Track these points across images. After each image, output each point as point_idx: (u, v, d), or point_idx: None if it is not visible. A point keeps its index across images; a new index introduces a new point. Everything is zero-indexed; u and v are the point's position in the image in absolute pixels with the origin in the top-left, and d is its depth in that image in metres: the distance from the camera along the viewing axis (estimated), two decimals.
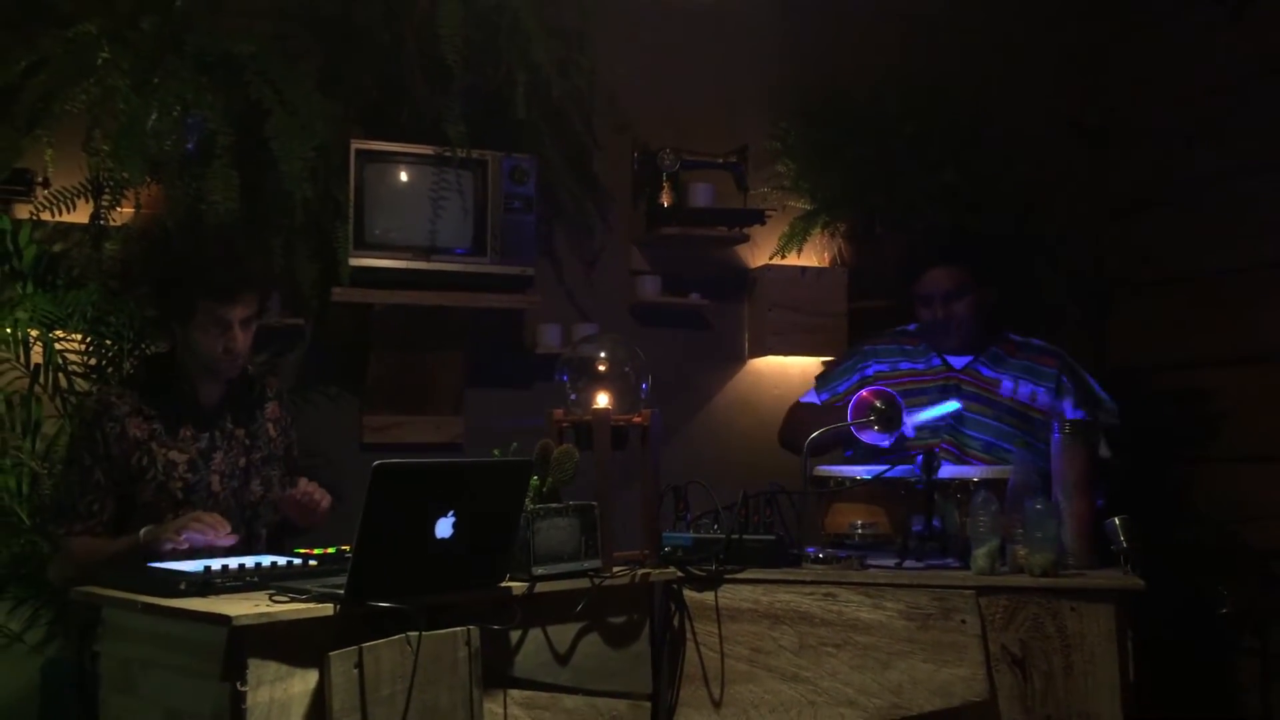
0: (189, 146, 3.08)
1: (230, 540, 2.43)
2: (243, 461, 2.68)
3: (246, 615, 1.89)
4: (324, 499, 2.61)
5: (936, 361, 3.23)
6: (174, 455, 2.61)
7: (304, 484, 2.60)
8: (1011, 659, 2.45)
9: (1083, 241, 4.17)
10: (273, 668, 1.92)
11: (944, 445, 3.06)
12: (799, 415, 3.36)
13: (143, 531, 2.45)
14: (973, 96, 3.95)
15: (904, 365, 3.27)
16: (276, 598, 2.02)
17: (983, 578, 2.49)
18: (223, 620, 1.88)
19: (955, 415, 3.10)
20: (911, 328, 3.35)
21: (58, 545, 2.59)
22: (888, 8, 4.02)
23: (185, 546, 2.36)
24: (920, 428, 3.03)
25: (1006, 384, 3.15)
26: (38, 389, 3.03)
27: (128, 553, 2.42)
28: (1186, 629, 3.51)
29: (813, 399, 3.40)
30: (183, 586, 2.07)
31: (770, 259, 3.96)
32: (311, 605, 1.98)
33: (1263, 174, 3.63)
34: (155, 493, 2.57)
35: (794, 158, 3.95)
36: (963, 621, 2.46)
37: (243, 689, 1.88)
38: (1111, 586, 2.46)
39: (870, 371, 3.24)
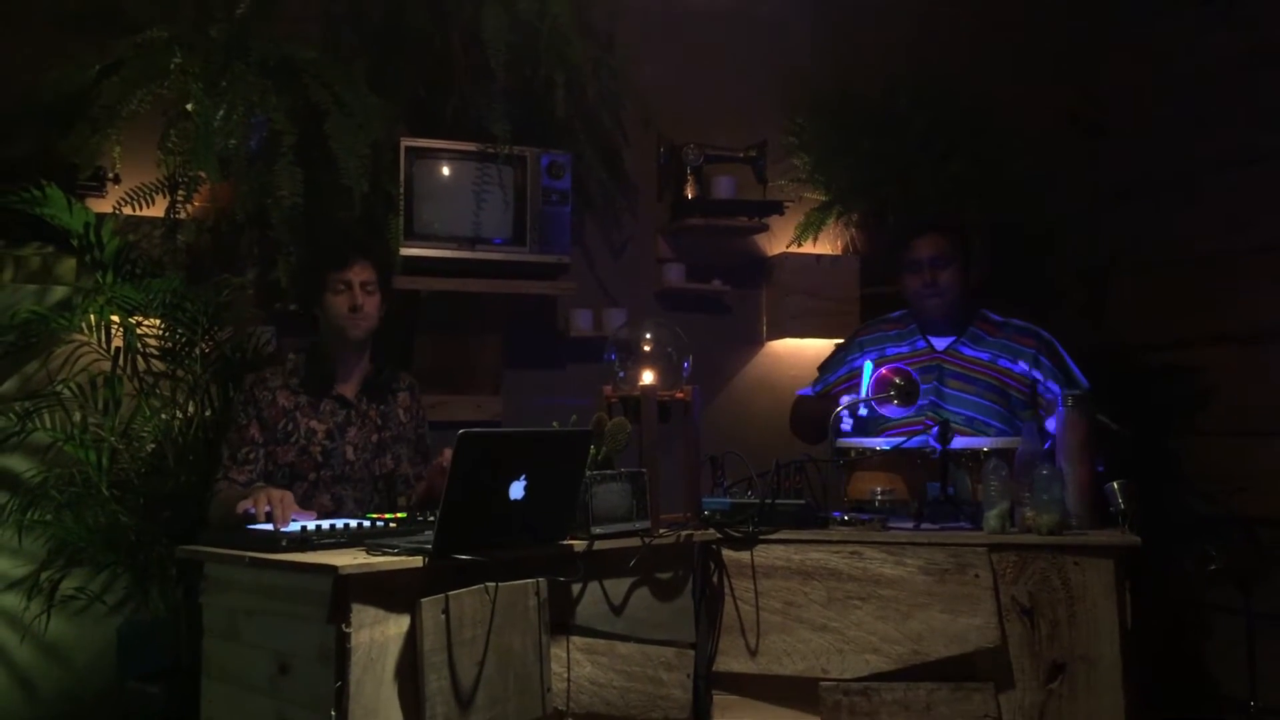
0: (252, 145, 3.30)
1: (304, 518, 2.60)
2: (375, 438, 2.97)
3: (350, 565, 2.12)
4: None
5: (921, 344, 3.40)
6: (314, 425, 2.93)
7: (448, 454, 2.85)
8: (1021, 609, 2.67)
9: (1082, 228, 4.38)
10: (371, 612, 2.15)
11: (926, 423, 3.22)
12: (797, 408, 3.57)
13: (255, 486, 2.71)
14: (978, 92, 4.15)
15: (890, 350, 3.44)
16: (373, 551, 2.25)
17: (994, 536, 2.72)
18: (329, 570, 2.10)
19: (937, 392, 3.30)
20: (895, 314, 3.52)
21: (215, 491, 2.85)
22: (897, 8, 4.22)
23: (261, 515, 2.57)
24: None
25: (985, 359, 3.31)
26: (118, 370, 3.25)
27: (241, 499, 2.64)
28: (1180, 587, 3.75)
29: (808, 391, 3.59)
30: (284, 543, 2.30)
31: (787, 247, 4.19)
32: (405, 558, 2.21)
33: (1248, 164, 3.81)
34: (298, 455, 2.88)
35: (810, 151, 4.17)
36: (976, 576, 2.68)
37: (347, 630, 2.10)
38: (1111, 544, 2.69)
39: (859, 363, 3.38)
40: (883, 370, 3.05)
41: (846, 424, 3.06)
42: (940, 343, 3.40)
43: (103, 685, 3.31)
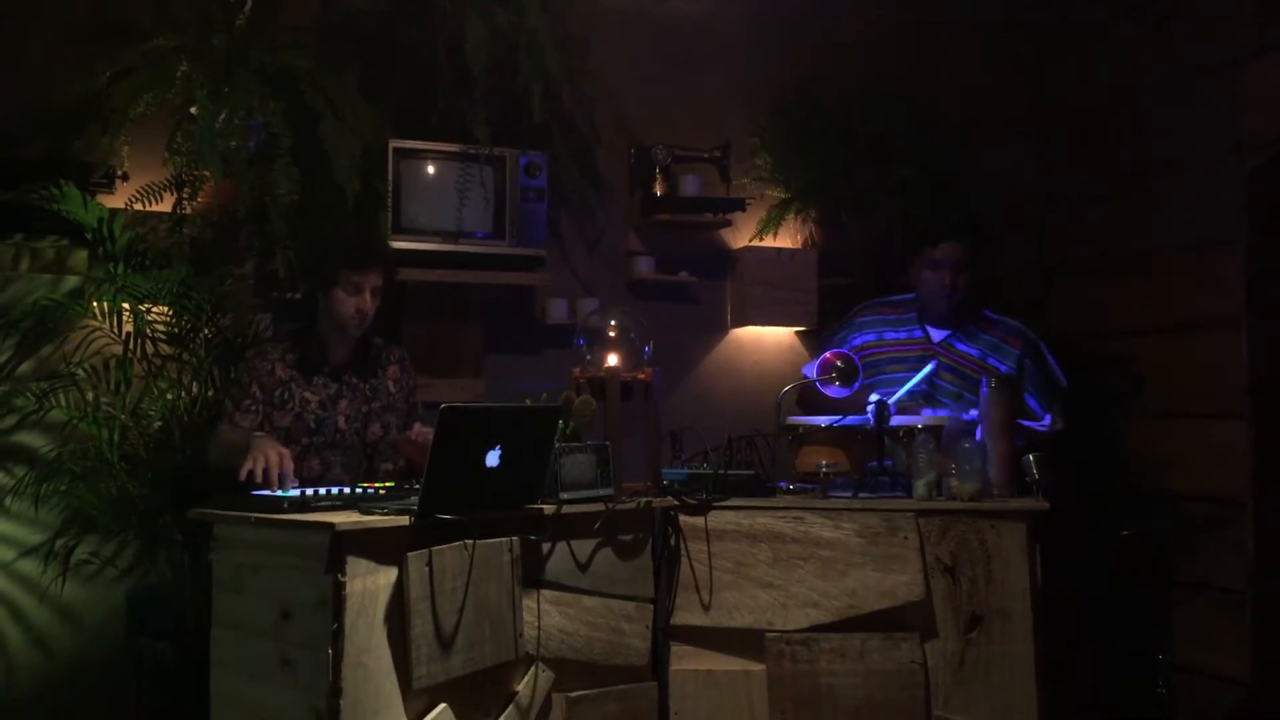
0: (252, 146, 3.55)
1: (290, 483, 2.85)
2: (365, 409, 3.25)
3: (346, 523, 2.40)
4: None
5: (919, 334, 3.65)
6: (308, 395, 3.20)
7: (418, 427, 3.14)
8: (944, 567, 2.97)
9: (1024, 228, 4.65)
10: (364, 564, 2.43)
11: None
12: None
13: (255, 434, 2.96)
14: (927, 100, 4.41)
15: (889, 335, 3.69)
16: (365, 512, 2.53)
17: (921, 503, 3.01)
18: (327, 527, 2.38)
19: (929, 382, 3.55)
20: (896, 299, 3.75)
21: (218, 432, 3.12)
22: (853, 20, 4.47)
23: (259, 475, 2.80)
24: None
25: (975, 355, 3.58)
26: (129, 353, 3.50)
27: (241, 446, 2.91)
28: (1097, 556, 4.06)
29: (809, 370, 3.75)
30: (285, 506, 2.59)
31: (750, 241, 4.45)
32: (393, 517, 2.49)
33: (1176, 169, 4.08)
34: (293, 421, 3.16)
35: (771, 152, 4.42)
36: (905, 538, 2.98)
37: (343, 580, 2.37)
38: (1023, 509, 2.99)
39: (858, 342, 3.59)
40: (826, 354, 3.34)
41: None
42: (937, 334, 3.66)
43: (113, 644, 3.56)
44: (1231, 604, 3.74)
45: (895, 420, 3.23)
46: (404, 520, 2.50)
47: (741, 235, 4.48)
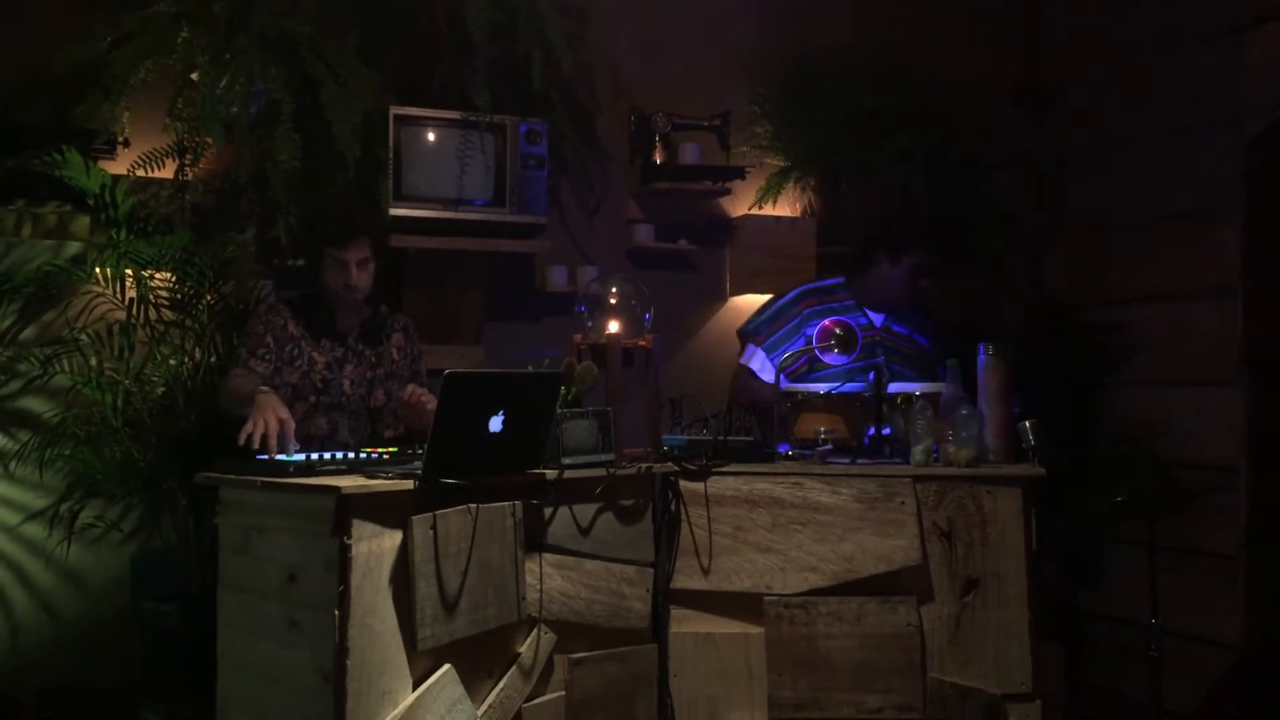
0: (253, 112, 3.56)
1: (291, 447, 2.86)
2: (369, 375, 3.28)
3: (351, 487, 2.43)
4: (430, 402, 3.11)
5: (863, 320, 3.74)
6: (316, 355, 3.24)
7: (411, 388, 3.17)
8: (940, 532, 3.01)
9: (1023, 196, 4.68)
10: (370, 527, 2.46)
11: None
12: (748, 384, 3.76)
13: (262, 388, 2.98)
14: (926, 67, 4.42)
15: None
16: (370, 476, 2.56)
17: (919, 469, 3.05)
18: (334, 491, 2.41)
19: (875, 368, 3.61)
20: (830, 282, 3.87)
21: (231, 376, 3.16)
22: None
23: (257, 440, 2.79)
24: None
25: (905, 334, 3.76)
26: (132, 319, 3.53)
27: (247, 397, 2.92)
28: (1091, 521, 4.11)
29: (763, 364, 3.77)
30: (291, 470, 2.62)
31: (749, 209, 4.47)
32: (398, 481, 2.52)
33: (1174, 137, 4.12)
34: (300, 378, 3.20)
35: (770, 121, 4.44)
36: (902, 503, 3.02)
37: (349, 542, 2.40)
38: (1019, 475, 3.03)
39: (810, 332, 3.66)
40: (825, 322, 3.37)
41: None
42: (877, 318, 3.79)
43: (117, 607, 3.61)
44: (1224, 569, 3.79)
45: (893, 387, 3.26)
46: (408, 484, 2.53)
47: (740, 203, 4.50)
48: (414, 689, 2.53)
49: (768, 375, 3.68)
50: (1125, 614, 4.06)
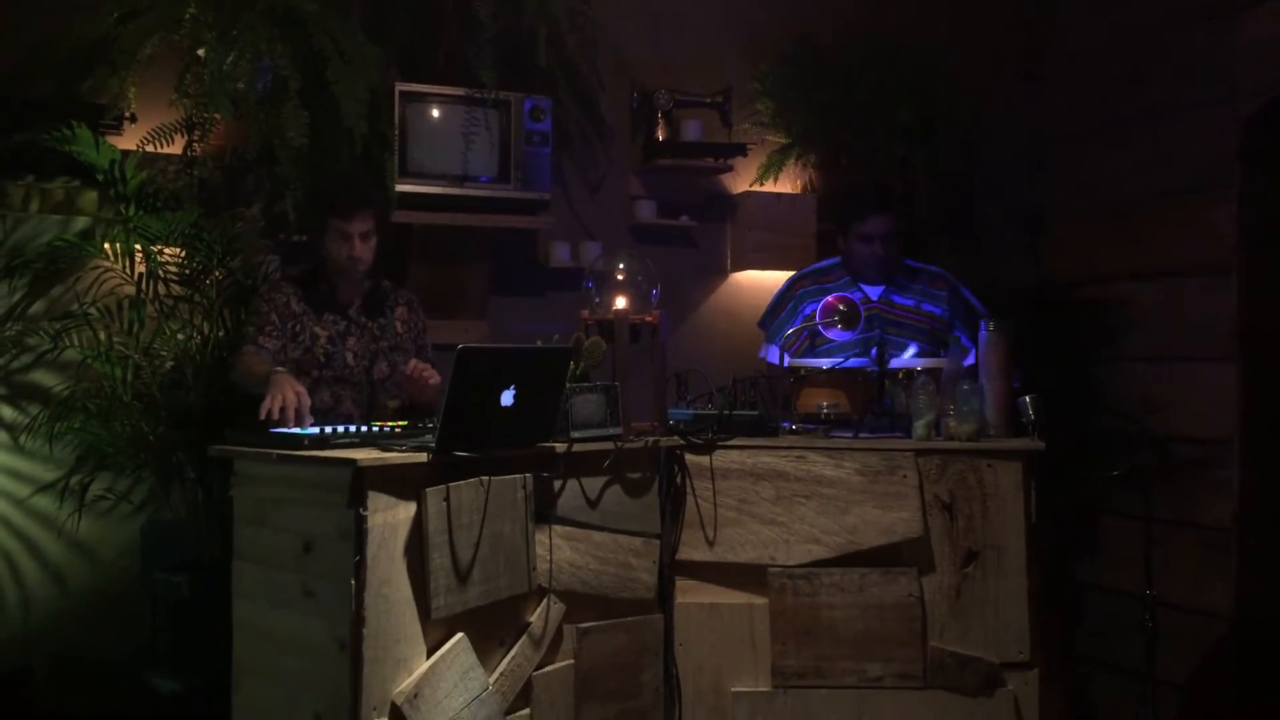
0: (260, 88, 3.57)
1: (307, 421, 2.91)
2: (372, 347, 3.32)
3: (367, 459, 2.47)
4: (432, 376, 3.17)
5: (857, 295, 3.75)
6: (318, 330, 3.28)
7: (414, 363, 3.21)
8: (942, 504, 3.06)
9: (1022, 173, 4.71)
10: (385, 499, 2.50)
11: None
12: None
13: (276, 368, 3.03)
14: (926, 44, 4.44)
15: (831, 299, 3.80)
16: (385, 449, 2.60)
17: (921, 443, 3.10)
18: (350, 463, 2.45)
19: (878, 340, 3.64)
20: (827, 262, 3.88)
21: (243, 353, 3.21)
22: None
23: (276, 414, 2.85)
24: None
25: (911, 305, 3.74)
26: (141, 294, 3.55)
27: (263, 377, 2.98)
28: (1090, 493, 4.17)
29: (774, 354, 3.76)
30: (305, 443, 2.66)
31: (750, 186, 4.50)
32: (412, 454, 2.57)
33: (1170, 115, 4.14)
34: (304, 354, 3.24)
35: (772, 98, 4.45)
36: (904, 476, 3.07)
37: (364, 513, 2.45)
38: (1019, 448, 3.09)
39: (808, 310, 3.69)
40: (828, 299, 3.42)
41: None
42: (873, 291, 3.78)
43: (127, 578, 3.65)
44: (1217, 541, 3.86)
45: (895, 362, 3.31)
46: (422, 457, 2.57)
47: (742, 180, 4.52)
48: (428, 657, 2.59)
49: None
50: (1120, 585, 4.13)
